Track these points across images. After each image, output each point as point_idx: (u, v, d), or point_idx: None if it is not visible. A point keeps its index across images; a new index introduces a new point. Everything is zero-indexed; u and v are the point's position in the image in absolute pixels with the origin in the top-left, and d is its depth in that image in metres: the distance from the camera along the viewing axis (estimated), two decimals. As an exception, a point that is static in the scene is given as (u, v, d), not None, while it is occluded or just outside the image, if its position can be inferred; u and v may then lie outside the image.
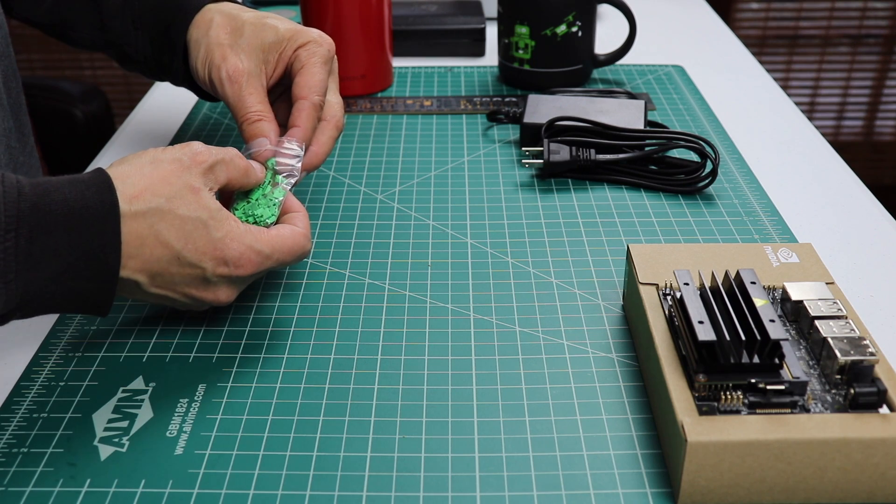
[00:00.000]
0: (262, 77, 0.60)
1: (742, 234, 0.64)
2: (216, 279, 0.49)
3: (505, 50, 0.89)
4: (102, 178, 0.47)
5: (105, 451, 0.46)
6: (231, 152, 0.52)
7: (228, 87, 0.60)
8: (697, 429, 0.41)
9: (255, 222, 0.53)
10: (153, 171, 0.48)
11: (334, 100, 0.62)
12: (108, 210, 0.45)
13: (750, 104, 0.87)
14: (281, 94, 0.64)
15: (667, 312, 0.49)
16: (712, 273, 0.49)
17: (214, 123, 0.83)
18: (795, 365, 0.44)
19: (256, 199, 0.54)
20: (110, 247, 0.45)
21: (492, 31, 1.08)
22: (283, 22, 0.62)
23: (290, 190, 0.56)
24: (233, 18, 0.62)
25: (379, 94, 0.89)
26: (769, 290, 0.51)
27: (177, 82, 0.69)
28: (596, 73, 0.94)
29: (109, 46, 0.70)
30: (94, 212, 0.45)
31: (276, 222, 0.54)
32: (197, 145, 0.50)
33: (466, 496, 0.43)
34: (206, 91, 0.66)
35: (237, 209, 0.53)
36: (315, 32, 0.61)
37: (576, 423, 0.47)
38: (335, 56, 0.63)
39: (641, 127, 0.73)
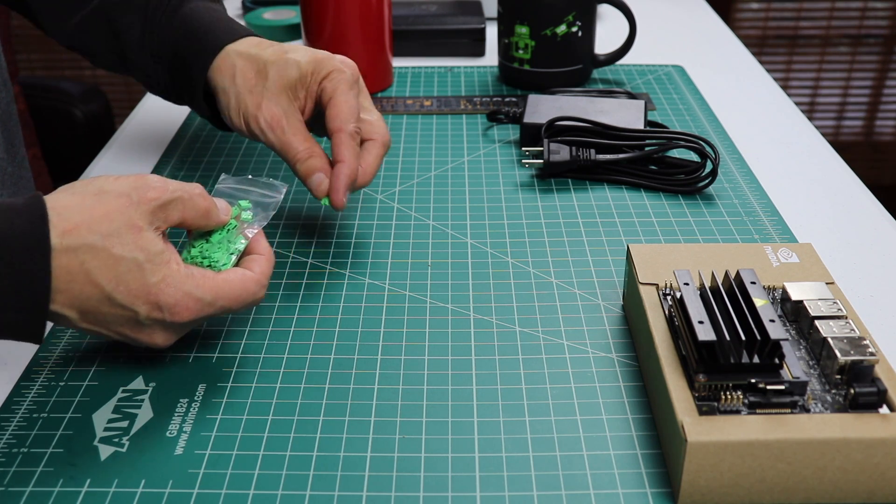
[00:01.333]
0: (298, 115, 0.60)
1: (742, 234, 0.64)
2: (150, 322, 0.47)
3: (505, 50, 0.89)
4: (37, 206, 0.45)
5: (105, 451, 0.46)
6: (193, 191, 0.49)
7: (271, 135, 0.59)
8: (697, 429, 0.41)
9: (210, 265, 0.50)
10: (95, 205, 0.46)
11: (374, 117, 0.61)
12: (38, 241, 0.44)
13: (750, 104, 0.87)
14: (315, 123, 0.64)
15: (667, 312, 0.49)
16: (712, 273, 0.49)
17: (214, 123, 0.83)
18: (795, 365, 0.44)
19: (217, 242, 0.51)
20: (38, 279, 0.44)
21: (492, 31, 1.08)
22: (303, 53, 0.61)
23: (262, 227, 0.53)
24: (254, 61, 0.61)
25: (379, 94, 0.89)
26: (769, 290, 0.51)
27: (201, 114, 0.68)
28: (596, 73, 0.94)
29: (133, 72, 0.70)
30: (22, 241, 0.43)
31: (238, 264, 0.51)
32: (152, 179, 0.48)
33: (466, 496, 0.43)
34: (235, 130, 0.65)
35: (195, 246, 0.51)
36: (337, 59, 0.60)
37: (576, 423, 0.48)
38: (360, 76, 0.62)
39: (641, 127, 0.73)
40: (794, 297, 0.49)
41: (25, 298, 0.44)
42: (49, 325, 0.56)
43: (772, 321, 0.44)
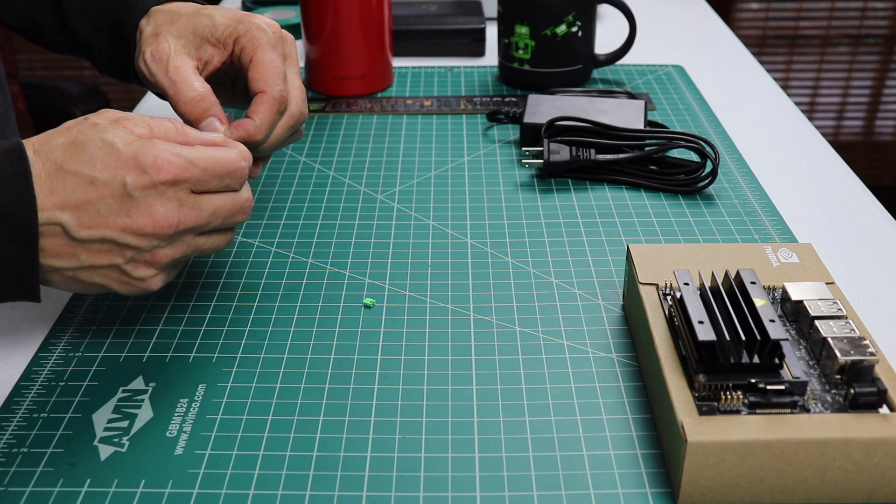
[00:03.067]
0: (193, 59, 0.57)
1: (742, 234, 0.64)
2: (140, 193, 0.45)
3: (505, 50, 0.89)
4: (12, 143, 0.46)
5: (105, 451, 0.46)
6: (164, 122, 0.49)
7: (155, 67, 0.56)
8: (697, 429, 0.41)
9: None
10: (60, 129, 0.47)
11: (294, 85, 0.58)
12: (14, 149, 0.45)
13: (750, 104, 0.87)
14: (222, 87, 0.63)
15: (667, 312, 0.49)
16: (712, 273, 0.49)
17: (214, 123, 0.83)
18: (795, 365, 0.44)
19: None
20: (21, 197, 0.43)
21: (492, 31, 1.08)
22: (226, 12, 0.59)
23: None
24: (170, 13, 0.59)
25: (379, 94, 0.89)
26: (769, 290, 0.51)
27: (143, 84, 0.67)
28: (596, 73, 0.94)
29: (79, 49, 0.69)
30: (2, 177, 0.44)
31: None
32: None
33: (466, 496, 0.43)
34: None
35: None
36: (258, 18, 0.58)
37: (576, 423, 0.47)
38: (289, 39, 0.59)
39: (641, 127, 0.73)
40: (794, 297, 0.49)
41: (10, 224, 0.44)
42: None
43: (772, 321, 0.44)
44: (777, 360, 0.43)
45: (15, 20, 0.71)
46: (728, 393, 0.43)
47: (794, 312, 0.49)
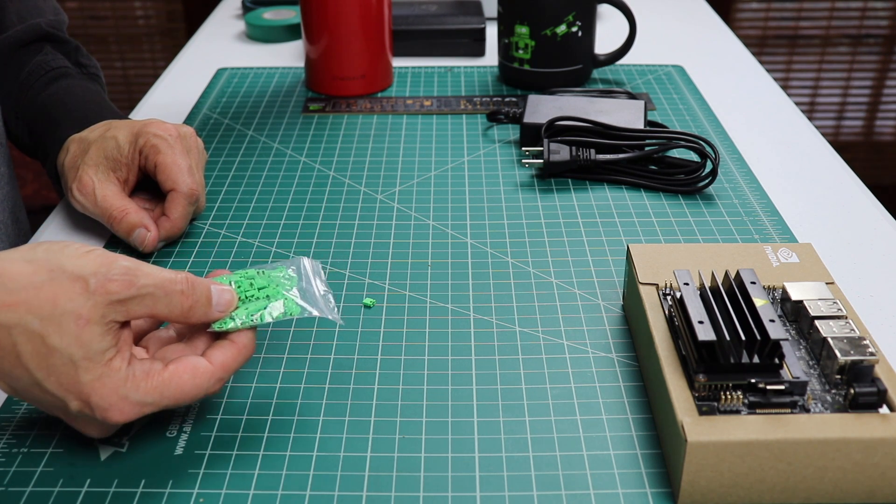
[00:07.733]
0: (113, 182, 0.62)
1: (742, 234, 0.64)
2: (81, 416, 0.43)
3: (505, 50, 0.89)
4: None
5: (105, 451, 0.46)
6: (172, 287, 0.43)
7: (85, 201, 0.62)
8: (697, 429, 0.41)
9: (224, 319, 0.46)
10: (44, 283, 0.41)
11: (196, 179, 0.63)
12: None
13: (750, 104, 0.87)
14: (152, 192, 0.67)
15: (667, 312, 0.49)
16: (712, 273, 0.49)
17: (214, 123, 0.83)
18: (795, 365, 0.44)
19: (248, 299, 0.46)
20: None
21: (492, 31, 1.08)
22: (126, 129, 0.63)
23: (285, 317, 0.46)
24: (82, 141, 0.64)
25: (379, 94, 0.89)
26: (769, 290, 0.51)
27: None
28: (596, 73, 0.94)
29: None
30: None
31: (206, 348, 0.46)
32: (119, 267, 0.42)
33: (466, 496, 0.43)
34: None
35: (238, 284, 0.47)
36: (154, 126, 0.63)
37: (576, 423, 0.48)
38: (188, 135, 0.64)
39: (641, 127, 0.73)
40: (794, 297, 0.49)
41: None
42: None
43: (772, 321, 0.44)
44: (777, 360, 0.43)
45: None
46: (728, 393, 0.43)
47: (794, 312, 0.49)
